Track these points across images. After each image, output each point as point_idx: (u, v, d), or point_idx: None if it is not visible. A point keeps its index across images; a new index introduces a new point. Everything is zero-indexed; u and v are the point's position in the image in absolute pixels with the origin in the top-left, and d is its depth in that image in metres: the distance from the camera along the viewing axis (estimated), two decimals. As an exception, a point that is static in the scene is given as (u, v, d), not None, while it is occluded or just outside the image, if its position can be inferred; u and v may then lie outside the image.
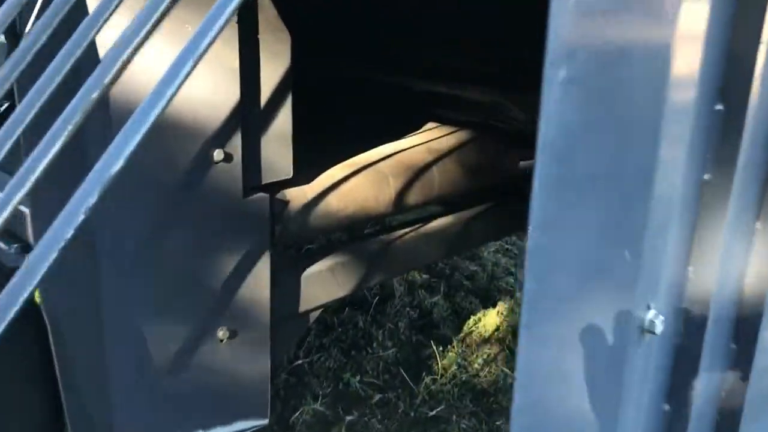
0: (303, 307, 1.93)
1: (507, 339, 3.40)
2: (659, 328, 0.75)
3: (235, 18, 1.48)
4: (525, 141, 2.62)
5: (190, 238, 1.55)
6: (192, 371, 1.63)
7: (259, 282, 1.71)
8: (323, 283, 1.98)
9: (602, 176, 0.72)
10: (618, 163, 0.72)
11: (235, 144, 1.55)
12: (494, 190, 2.60)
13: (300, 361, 3.07)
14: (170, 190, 1.48)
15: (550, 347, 0.79)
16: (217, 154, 1.52)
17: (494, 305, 3.79)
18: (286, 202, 1.79)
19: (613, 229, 0.73)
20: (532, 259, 0.73)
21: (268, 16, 1.60)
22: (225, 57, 1.48)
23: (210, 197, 1.55)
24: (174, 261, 1.53)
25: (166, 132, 1.42)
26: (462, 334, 3.45)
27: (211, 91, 1.47)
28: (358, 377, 3.01)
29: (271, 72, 1.63)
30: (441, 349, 3.27)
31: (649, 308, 0.75)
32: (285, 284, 1.87)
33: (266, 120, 1.66)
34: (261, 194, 1.66)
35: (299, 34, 1.71)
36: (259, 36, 1.60)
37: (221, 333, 1.66)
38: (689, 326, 0.79)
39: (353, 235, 2.57)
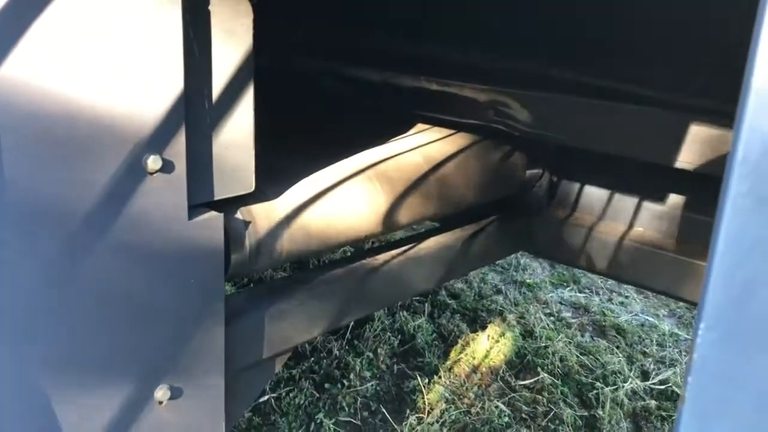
0: (267, 352, 1.55)
1: (500, 369, 3.04)
2: None
3: (178, -19, 1.10)
4: (529, 146, 2.28)
5: (115, 273, 1.16)
6: (120, 447, 1.24)
7: (210, 325, 1.33)
8: (293, 321, 1.59)
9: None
10: None
11: (177, 149, 1.17)
12: (497, 202, 2.24)
13: (266, 397, 2.67)
14: (86, 210, 1.09)
15: None
16: (153, 162, 1.14)
17: (483, 327, 3.44)
18: (246, 223, 1.41)
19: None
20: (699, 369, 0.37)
21: (222, -19, 1.23)
22: (163, 32, 1.11)
23: (142, 219, 1.16)
24: (91, 302, 1.14)
25: (80, 133, 1.04)
26: (449, 362, 3.08)
27: (143, 77, 1.09)
28: (332, 417, 2.62)
29: (227, 55, 1.26)
30: (426, 380, 2.90)
31: None
32: (244, 326, 1.49)
33: (219, 117, 1.28)
34: (212, 214, 1.28)
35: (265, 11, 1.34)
36: (211, 7, 1.22)
37: (160, 393, 1.28)
38: None
39: (330, 259, 2.19)
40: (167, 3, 1.10)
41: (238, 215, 1.41)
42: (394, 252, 1.90)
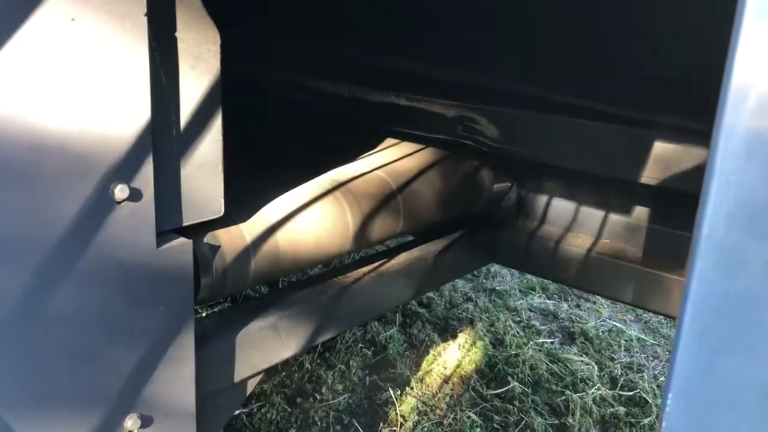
0: (239, 375, 1.54)
1: (472, 378, 3.06)
2: None
3: (143, 8, 1.10)
4: (497, 160, 2.31)
5: (84, 302, 1.14)
6: (89, 479, 1.22)
7: (180, 351, 1.32)
8: (264, 343, 1.59)
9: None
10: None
11: (145, 177, 1.16)
12: (466, 216, 2.26)
13: (237, 413, 2.65)
14: (54, 240, 1.07)
15: None
16: (120, 192, 1.12)
17: (454, 336, 3.46)
18: (215, 248, 1.40)
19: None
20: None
21: (189, 7, 1.22)
22: (130, 61, 1.10)
23: (110, 248, 1.15)
24: (59, 332, 1.12)
25: (46, 163, 1.03)
26: (421, 373, 3.09)
27: (109, 105, 1.08)
28: (305, 431, 2.61)
29: (194, 81, 1.25)
30: (399, 392, 2.90)
31: None
32: (215, 350, 1.48)
33: (188, 143, 1.27)
34: (181, 240, 1.27)
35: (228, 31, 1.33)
36: (178, 34, 1.21)
37: (130, 422, 1.27)
38: None
39: (301, 279, 2.18)
40: (133, 30, 1.10)
41: (208, 240, 1.41)
42: (365, 269, 1.91)
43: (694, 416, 0.37)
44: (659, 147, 1.78)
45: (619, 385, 3.13)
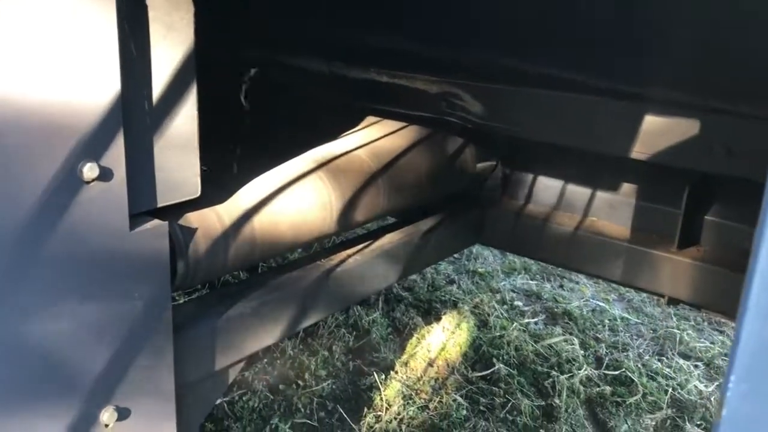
0: (220, 363, 1.47)
1: (457, 361, 3.02)
2: None
3: (110, -27, 1.02)
4: (482, 137, 2.25)
5: (54, 289, 1.07)
6: (63, 475, 1.16)
7: (157, 340, 1.26)
8: (245, 330, 1.52)
9: None
10: None
11: (116, 155, 1.09)
12: (451, 196, 2.21)
13: (218, 401, 2.58)
14: (19, 224, 1.00)
15: None
16: (89, 170, 1.05)
17: (437, 319, 3.41)
18: (192, 230, 1.33)
19: None
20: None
21: (159, -27, 1.14)
22: (97, 30, 1.02)
23: (80, 231, 1.08)
24: (28, 321, 1.05)
25: (8, 142, 0.95)
26: (405, 356, 3.05)
27: (75, 78, 1.00)
28: (288, 420, 2.55)
29: (166, 51, 1.18)
30: (383, 376, 2.85)
31: None
32: (194, 338, 1.41)
33: (161, 119, 1.20)
34: (156, 222, 1.20)
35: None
36: (148, 1, 1.14)
37: (106, 415, 1.21)
38: None
39: (281, 263, 2.10)
40: (100, -3, 1.02)
41: (184, 222, 1.33)
42: (348, 252, 1.85)
43: (758, 401, 0.32)
44: (648, 121, 1.74)
45: (605, 364, 3.12)
